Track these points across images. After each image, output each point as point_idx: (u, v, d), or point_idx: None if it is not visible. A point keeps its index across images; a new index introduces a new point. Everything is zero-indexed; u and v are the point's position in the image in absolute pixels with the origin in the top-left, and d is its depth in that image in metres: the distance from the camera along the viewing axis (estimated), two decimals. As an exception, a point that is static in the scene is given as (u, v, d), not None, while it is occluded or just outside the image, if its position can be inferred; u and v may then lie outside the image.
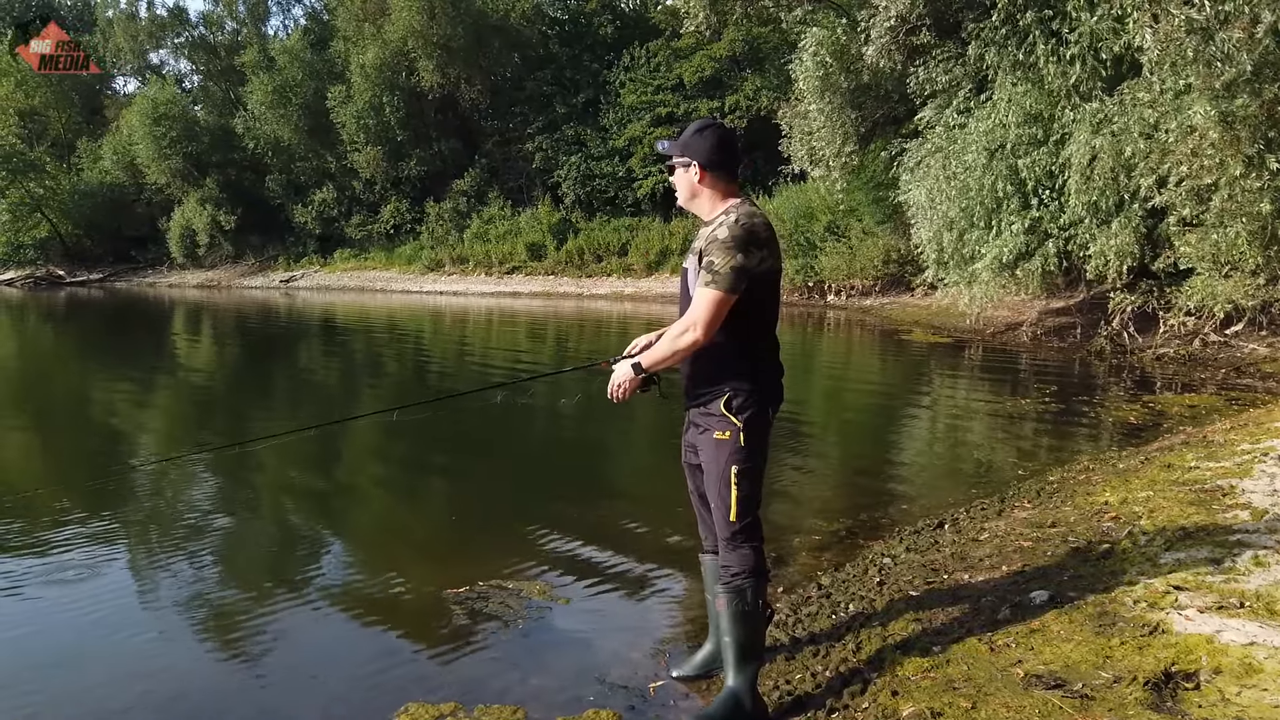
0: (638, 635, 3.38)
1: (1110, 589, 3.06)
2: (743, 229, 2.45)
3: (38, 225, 41.54)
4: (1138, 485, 4.48)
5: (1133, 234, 10.56)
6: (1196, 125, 8.89)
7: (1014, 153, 11.84)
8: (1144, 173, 9.91)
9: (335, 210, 37.16)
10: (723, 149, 2.60)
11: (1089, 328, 12.30)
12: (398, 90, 34.19)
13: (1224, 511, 3.80)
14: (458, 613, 3.56)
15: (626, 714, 2.76)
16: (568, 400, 2.18)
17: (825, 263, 20.96)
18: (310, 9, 46.06)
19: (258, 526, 5.00)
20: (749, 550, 2.58)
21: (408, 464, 6.70)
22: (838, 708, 2.60)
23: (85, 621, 3.60)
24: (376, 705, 2.84)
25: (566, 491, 5.83)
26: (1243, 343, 10.33)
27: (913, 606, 3.24)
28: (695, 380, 2.62)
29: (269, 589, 3.96)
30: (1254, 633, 2.59)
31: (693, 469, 2.76)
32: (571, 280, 29.11)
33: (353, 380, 11.21)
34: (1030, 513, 4.37)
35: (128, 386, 10.68)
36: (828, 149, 16.23)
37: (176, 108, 38.93)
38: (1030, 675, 2.54)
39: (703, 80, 29.57)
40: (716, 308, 2.43)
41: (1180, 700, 2.33)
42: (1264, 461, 4.56)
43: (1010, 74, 12.20)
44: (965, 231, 12.46)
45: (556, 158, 32.68)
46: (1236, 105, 8.61)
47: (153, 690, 3.03)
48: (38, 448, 7.40)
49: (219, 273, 38.89)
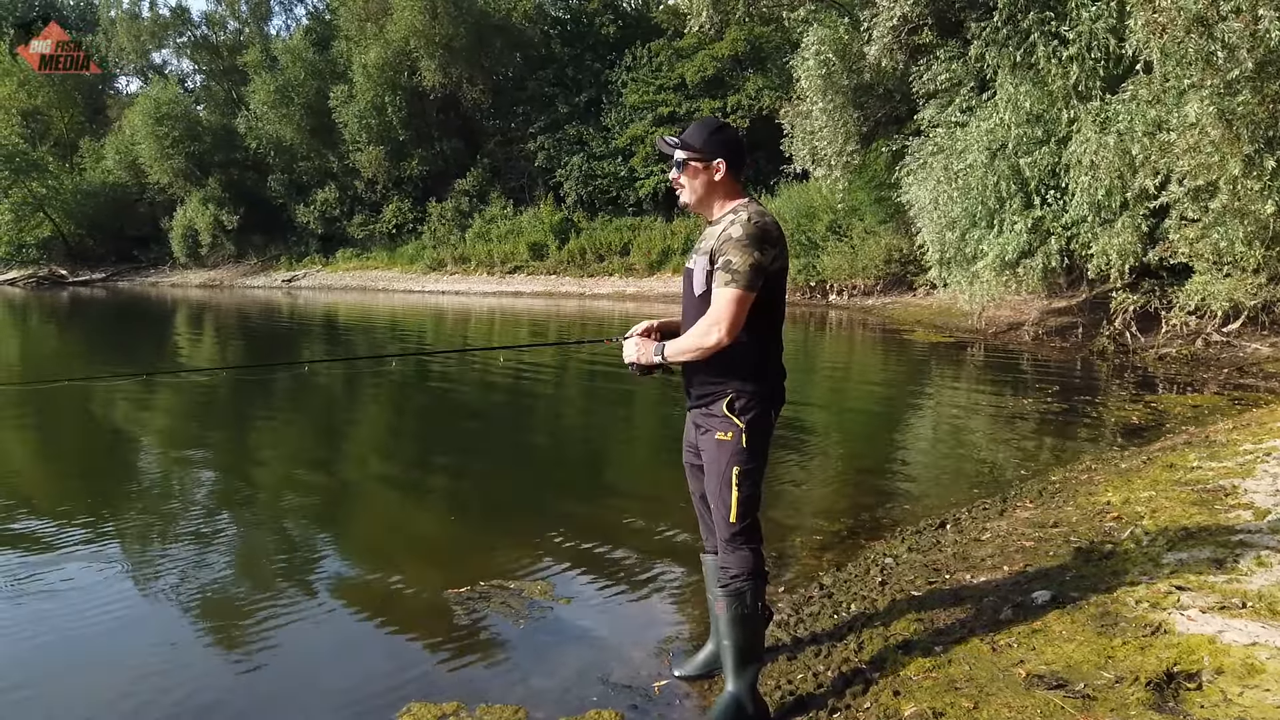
0: (640, 635, 3.38)
1: (1112, 589, 3.06)
2: (756, 227, 2.43)
3: (40, 225, 41.64)
4: (1140, 485, 4.48)
5: (1135, 233, 10.55)
6: (1196, 121, 8.87)
7: (1016, 152, 11.85)
8: (1148, 172, 9.91)
9: (337, 210, 37.23)
10: (740, 148, 2.60)
11: (1091, 327, 12.29)
12: (400, 90, 34.23)
13: (1226, 511, 3.79)
14: (459, 613, 3.56)
15: (629, 713, 2.76)
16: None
17: (827, 262, 20.98)
18: (312, 9, 46.18)
19: (257, 525, 5.01)
20: (748, 552, 2.57)
21: (409, 462, 6.71)
22: (840, 707, 2.61)
23: (83, 621, 3.61)
24: (378, 705, 2.85)
25: (568, 490, 5.83)
26: (1245, 342, 10.31)
27: (915, 606, 3.24)
28: (698, 381, 2.61)
29: (269, 588, 3.96)
30: (1256, 633, 2.59)
31: (694, 469, 2.75)
32: (573, 280, 29.13)
33: (354, 380, 11.23)
34: (1032, 513, 4.37)
35: (130, 387, 10.70)
36: (830, 148, 16.25)
37: (179, 107, 39.04)
38: (1032, 675, 2.54)
39: (705, 80, 29.57)
40: (739, 306, 2.41)
41: (1182, 700, 2.33)
42: (1266, 461, 4.56)
43: (1011, 74, 12.21)
44: (967, 231, 12.47)
45: (558, 157, 32.71)
46: (1238, 102, 8.58)
47: (152, 690, 3.03)
48: (38, 446, 7.42)
49: (221, 272, 38.96)
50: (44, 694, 3.02)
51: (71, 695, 3.00)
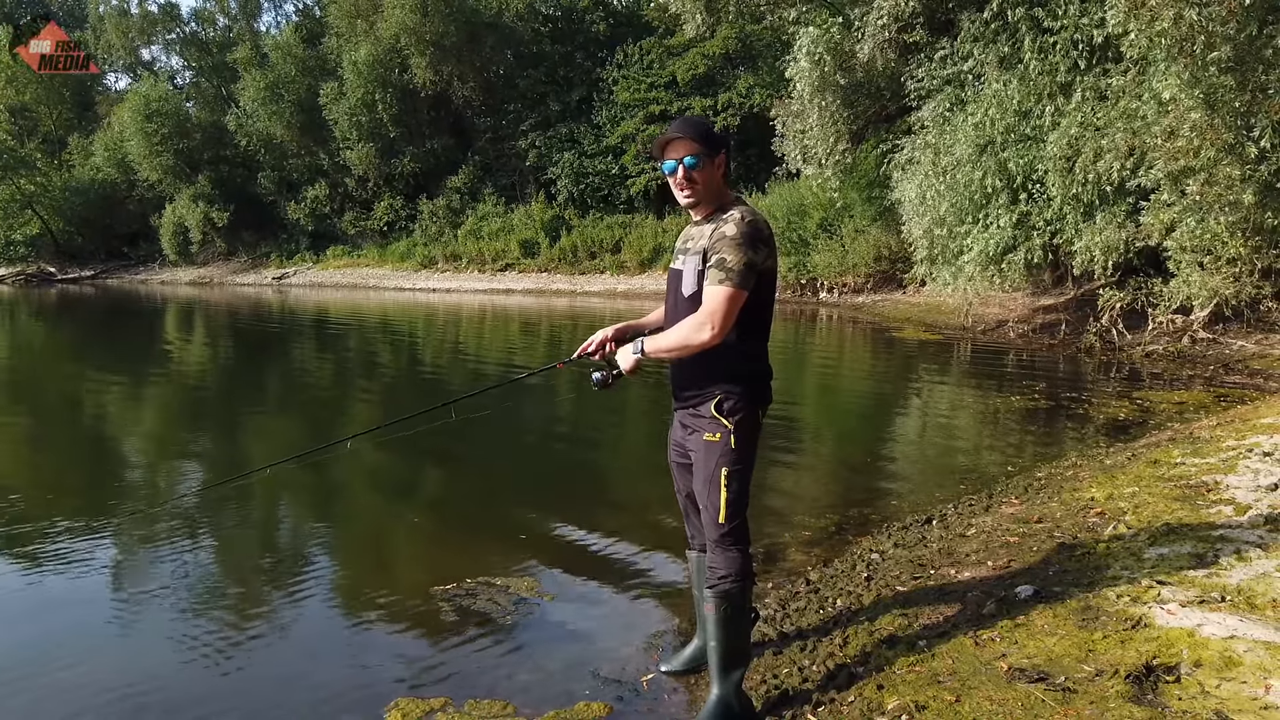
0: (627, 630, 3.40)
1: (1094, 584, 3.09)
2: (750, 226, 2.42)
3: (29, 222, 41.41)
4: (1124, 481, 4.51)
5: (1118, 228, 10.62)
6: (1173, 99, 8.88)
7: (1002, 148, 11.91)
8: (1123, 158, 9.95)
9: (328, 207, 37.12)
10: (725, 138, 2.60)
11: (1078, 325, 12.36)
12: (390, 87, 34.14)
13: (1208, 507, 3.83)
14: (446, 609, 3.58)
15: (617, 705, 2.78)
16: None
17: (818, 260, 21.03)
18: (302, 5, 45.98)
19: (246, 524, 5.01)
20: (737, 553, 2.57)
21: (395, 462, 6.70)
22: (824, 701, 2.63)
23: (79, 619, 3.61)
24: (367, 701, 2.86)
25: (554, 488, 5.84)
26: (1231, 339, 10.39)
27: (900, 602, 3.27)
28: (685, 382, 2.60)
29: (257, 587, 3.96)
30: (1234, 626, 2.62)
31: (680, 468, 2.76)
32: (565, 277, 29.11)
33: (346, 382, 11.21)
34: (1017, 509, 4.40)
35: (118, 388, 10.66)
36: (821, 147, 16.27)
37: (168, 104, 38.84)
38: (1014, 669, 2.57)
39: (696, 77, 29.56)
40: (732, 304, 2.39)
41: (1160, 693, 2.36)
42: (1249, 458, 4.60)
43: (999, 69, 12.27)
44: (955, 227, 12.53)
45: (550, 155, 32.67)
46: (1219, 82, 8.58)
47: (141, 687, 3.03)
48: (34, 449, 7.39)
49: (211, 270, 38.80)
50: (38, 692, 3.01)
51: (55, 692, 3.00)
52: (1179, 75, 8.76)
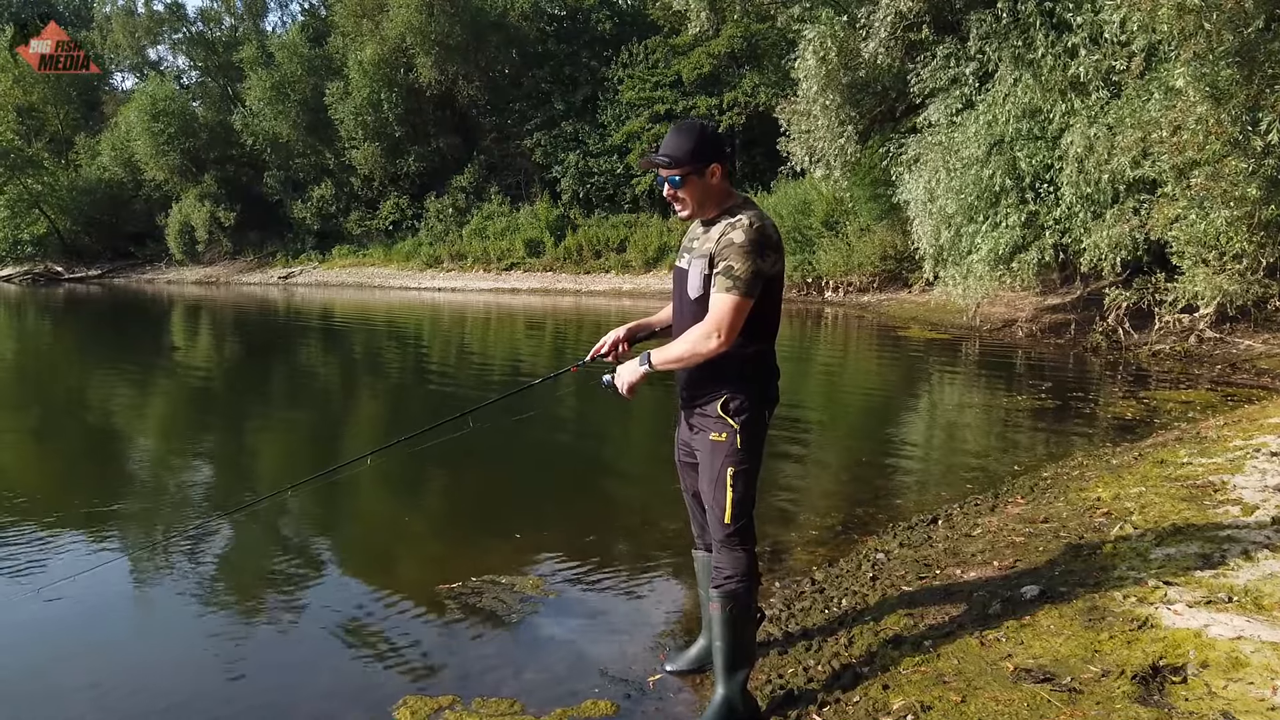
0: (633, 629, 3.41)
1: (1100, 584, 3.09)
2: (757, 232, 2.41)
3: (36, 221, 41.50)
4: (1130, 481, 4.51)
5: (1125, 226, 10.58)
6: (1181, 90, 8.85)
7: (1013, 146, 11.86)
8: (1134, 156, 9.92)
9: (334, 206, 37.13)
10: (724, 144, 2.59)
11: (1085, 324, 12.33)
12: (396, 86, 34.15)
13: (1215, 507, 3.82)
14: (453, 608, 3.59)
15: (623, 704, 2.79)
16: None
17: (823, 259, 21.00)
18: (308, 4, 46.03)
19: (254, 524, 5.02)
20: (743, 553, 2.57)
21: (401, 460, 6.71)
22: (829, 701, 2.63)
23: (79, 619, 3.63)
24: (375, 699, 2.87)
25: (560, 487, 5.86)
26: (1238, 339, 10.36)
27: (905, 601, 3.27)
28: (692, 382, 2.60)
29: (266, 586, 3.98)
30: (1241, 627, 2.62)
31: (686, 467, 2.76)
32: (570, 276, 29.11)
33: (355, 382, 11.24)
34: (1023, 508, 4.40)
35: (127, 389, 10.70)
36: (828, 146, 16.22)
37: (175, 104, 38.85)
38: (1020, 669, 2.57)
39: (701, 77, 29.53)
40: (738, 313, 2.39)
41: (1167, 694, 2.36)
42: (1256, 457, 4.59)
43: (1010, 67, 12.20)
44: (963, 226, 12.48)
45: (555, 154, 32.67)
46: (1223, 76, 8.56)
47: (149, 685, 3.05)
48: (39, 450, 7.42)
49: (217, 269, 38.84)
50: (45, 693, 3.03)
51: (59, 693, 3.01)
52: (1186, 64, 8.74)
